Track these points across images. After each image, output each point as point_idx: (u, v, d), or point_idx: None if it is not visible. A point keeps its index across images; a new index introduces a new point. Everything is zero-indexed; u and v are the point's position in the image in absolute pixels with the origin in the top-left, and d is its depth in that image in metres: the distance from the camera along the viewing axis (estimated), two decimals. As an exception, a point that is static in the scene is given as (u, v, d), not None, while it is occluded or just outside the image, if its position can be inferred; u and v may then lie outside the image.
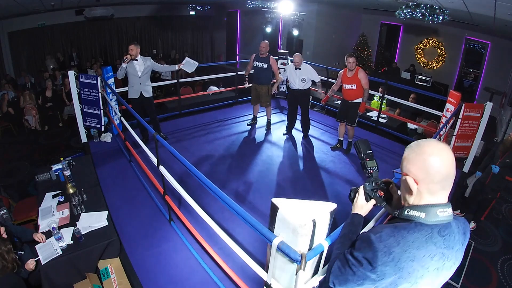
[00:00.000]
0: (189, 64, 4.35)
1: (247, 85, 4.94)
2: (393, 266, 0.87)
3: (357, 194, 1.21)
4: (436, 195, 0.91)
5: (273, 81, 4.92)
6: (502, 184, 3.43)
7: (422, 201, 0.92)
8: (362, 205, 1.19)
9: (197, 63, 4.38)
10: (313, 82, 4.54)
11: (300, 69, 4.38)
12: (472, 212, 3.73)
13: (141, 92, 4.06)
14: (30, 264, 2.21)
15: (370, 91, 5.52)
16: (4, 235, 2.21)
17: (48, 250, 2.36)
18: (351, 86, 3.99)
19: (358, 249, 0.95)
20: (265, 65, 4.65)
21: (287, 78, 4.60)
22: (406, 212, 0.94)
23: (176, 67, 4.36)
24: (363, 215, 1.20)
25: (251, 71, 4.86)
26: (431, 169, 0.88)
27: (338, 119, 4.40)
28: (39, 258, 2.29)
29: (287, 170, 4.02)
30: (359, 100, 4.06)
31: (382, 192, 1.16)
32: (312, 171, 4.03)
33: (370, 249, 0.91)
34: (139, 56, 3.97)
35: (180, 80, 5.47)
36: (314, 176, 3.92)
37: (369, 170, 1.20)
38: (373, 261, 0.89)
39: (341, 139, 4.54)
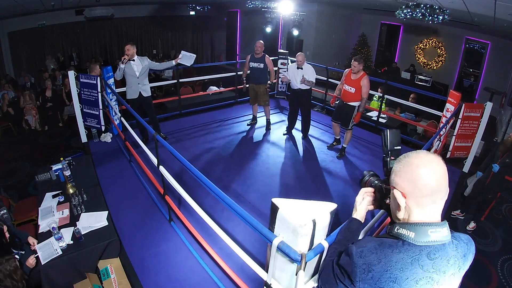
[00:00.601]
0: (186, 58, 4.27)
1: (246, 85, 4.94)
2: (372, 284, 0.84)
3: (364, 194, 1.12)
4: (426, 210, 0.84)
5: (269, 82, 4.88)
6: (502, 184, 3.43)
7: (412, 217, 0.86)
8: (366, 210, 1.11)
9: (194, 55, 4.32)
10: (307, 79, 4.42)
11: (302, 68, 4.37)
12: (472, 212, 3.73)
13: (140, 92, 4.06)
14: (31, 260, 2.21)
15: (370, 91, 5.53)
16: (7, 234, 2.20)
17: (48, 250, 2.36)
18: (351, 88, 3.96)
19: (342, 261, 0.94)
20: (261, 65, 4.65)
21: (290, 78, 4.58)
22: (395, 230, 0.87)
23: (174, 62, 4.32)
24: (362, 220, 1.13)
25: (248, 72, 4.86)
26: (419, 181, 0.82)
27: (332, 118, 4.40)
28: (38, 256, 2.29)
29: (287, 170, 4.02)
30: (354, 103, 4.01)
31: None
32: (312, 171, 4.03)
33: (350, 263, 0.88)
34: (136, 56, 3.97)
35: (180, 80, 5.47)
36: (314, 176, 3.92)
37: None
38: (352, 276, 0.87)
39: (338, 137, 4.55)
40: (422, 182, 0.82)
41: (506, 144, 3.35)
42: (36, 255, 2.28)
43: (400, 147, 1.10)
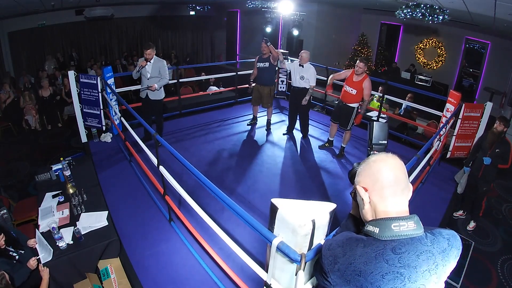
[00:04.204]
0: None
1: (252, 85, 4.92)
2: (340, 276, 0.86)
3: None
4: (388, 202, 0.87)
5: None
6: (494, 173, 3.44)
7: (377, 214, 0.89)
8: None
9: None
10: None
11: (303, 66, 4.37)
12: (469, 207, 3.74)
13: (147, 93, 4.05)
14: (32, 261, 2.21)
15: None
16: (2, 242, 2.17)
17: (44, 248, 2.36)
18: (352, 90, 3.93)
19: (320, 254, 0.98)
20: (267, 64, 4.64)
21: (290, 73, 4.59)
22: (365, 228, 0.90)
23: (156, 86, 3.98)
24: (357, 216, 1.13)
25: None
26: (378, 174, 0.88)
27: (332, 119, 4.39)
28: (39, 258, 2.29)
29: (287, 170, 4.02)
30: (354, 105, 4.01)
31: None
32: (312, 171, 4.03)
33: (321, 255, 0.94)
34: (154, 57, 3.94)
35: (180, 80, 5.47)
36: (314, 176, 3.92)
37: None
38: (324, 267, 0.91)
39: (331, 139, 4.55)
40: (381, 174, 0.87)
41: (494, 134, 3.35)
42: (38, 257, 2.27)
43: (386, 142, 1.09)
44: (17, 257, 2.25)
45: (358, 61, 3.85)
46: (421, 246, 0.83)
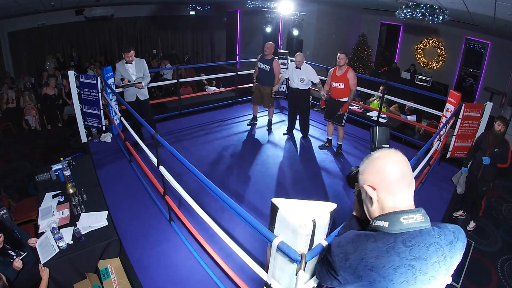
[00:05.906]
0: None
1: (255, 84, 4.89)
2: (352, 273, 0.86)
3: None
4: (397, 197, 0.87)
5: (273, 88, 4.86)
6: (494, 172, 3.44)
7: (385, 209, 0.89)
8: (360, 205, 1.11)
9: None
10: (313, 83, 4.51)
11: (300, 68, 4.37)
12: (468, 208, 3.74)
13: (136, 95, 4.01)
14: (16, 262, 2.19)
15: (369, 91, 5.54)
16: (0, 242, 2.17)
17: (46, 247, 2.36)
18: (339, 85, 3.97)
19: (328, 252, 0.97)
20: (268, 68, 4.63)
21: (288, 77, 4.59)
22: (373, 224, 0.90)
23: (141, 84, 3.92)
24: (361, 217, 1.12)
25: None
26: (384, 170, 0.87)
27: (325, 117, 4.39)
28: (39, 259, 2.29)
29: (287, 170, 4.02)
30: (345, 99, 4.03)
31: None
32: (312, 171, 4.03)
33: (330, 253, 0.93)
34: (135, 58, 3.88)
35: (180, 80, 5.47)
36: (314, 176, 3.92)
37: None
38: (334, 265, 0.91)
39: (330, 138, 4.55)
40: (387, 170, 0.87)
41: (496, 135, 3.33)
42: (21, 257, 2.25)
43: (388, 145, 1.10)
44: (14, 256, 2.24)
45: (338, 54, 3.89)
46: (430, 238, 0.84)
